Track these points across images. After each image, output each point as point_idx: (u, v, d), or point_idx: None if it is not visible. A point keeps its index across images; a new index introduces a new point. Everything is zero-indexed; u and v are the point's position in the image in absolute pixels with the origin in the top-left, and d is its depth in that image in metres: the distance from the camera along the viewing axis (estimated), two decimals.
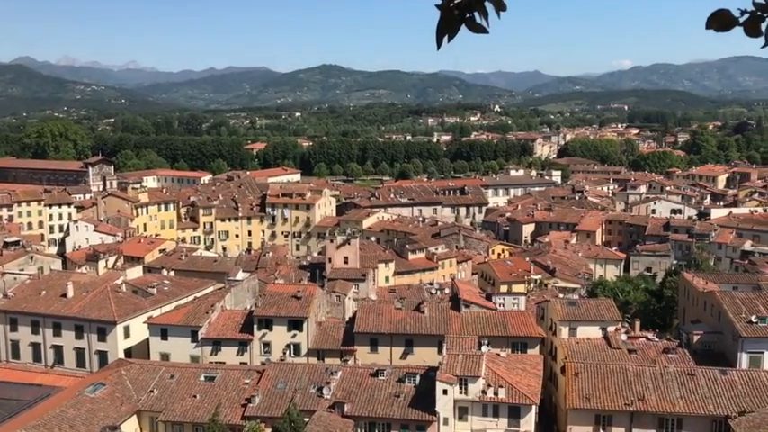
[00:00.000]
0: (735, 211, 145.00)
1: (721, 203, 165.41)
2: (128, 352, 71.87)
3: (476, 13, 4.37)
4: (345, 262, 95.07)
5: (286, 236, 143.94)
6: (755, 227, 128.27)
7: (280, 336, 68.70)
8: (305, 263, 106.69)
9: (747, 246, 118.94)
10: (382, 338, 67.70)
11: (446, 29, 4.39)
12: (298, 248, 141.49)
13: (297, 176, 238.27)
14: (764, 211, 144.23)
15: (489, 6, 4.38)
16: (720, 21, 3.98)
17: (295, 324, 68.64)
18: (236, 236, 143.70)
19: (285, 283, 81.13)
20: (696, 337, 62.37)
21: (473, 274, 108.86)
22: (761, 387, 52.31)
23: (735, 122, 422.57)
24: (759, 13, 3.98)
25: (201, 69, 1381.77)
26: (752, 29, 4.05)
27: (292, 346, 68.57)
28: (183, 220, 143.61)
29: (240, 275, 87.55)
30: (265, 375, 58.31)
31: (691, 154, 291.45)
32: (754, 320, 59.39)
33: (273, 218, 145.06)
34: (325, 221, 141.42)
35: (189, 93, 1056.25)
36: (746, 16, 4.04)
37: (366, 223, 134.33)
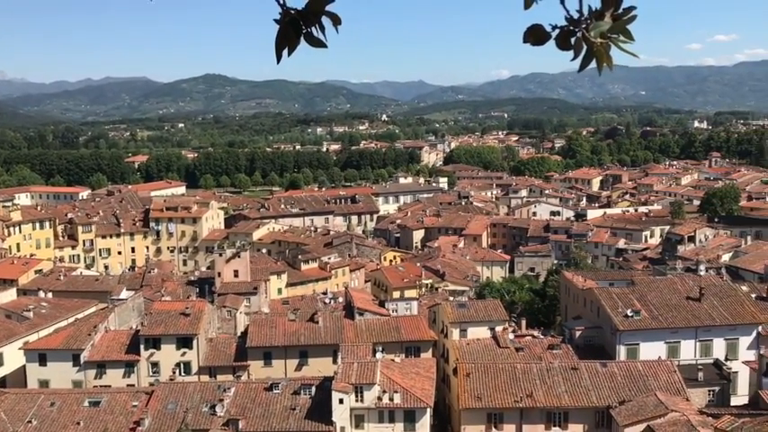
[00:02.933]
0: (609, 211, 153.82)
1: (596, 204, 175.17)
2: (1, 381, 67.20)
3: (313, 28, 4.44)
4: (236, 275, 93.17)
5: (172, 251, 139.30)
6: (628, 226, 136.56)
7: (168, 355, 66.35)
8: (193, 278, 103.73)
9: (621, 244, 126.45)
10: (276, 351, 66.79)
11: (284, 42, 4.44)
12: (185, 264, 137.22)
13: (182, 189, 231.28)
14: (635, 210, 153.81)
15: (326, 21, 4.44)
16: (535, 35, 4.23)
17: (184, 342, 66.53)
18: (119, 253, 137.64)
19: (172, 301, 78.55)
20: (578, 333, 65.50)
21: (366, 281, 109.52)
22: (637, 377, 55.62)
23: (606, 128, 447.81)
24: (571, 28, 4.21)
25: (77, 80, 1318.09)
26: (562, 43, 4.31)
27: (182, 365, 66.37)
28: (61, 239, 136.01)
29: (124, 294, 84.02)
30: (154, 396, 56.13)
31: (567, 158, 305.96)
32: (630, 314, 63.07)
33: (158, 233, 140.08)
34: (213, 235, 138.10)
35: (64, 105, 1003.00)
36: (557, 31, 4.30)
37: (256, 235, 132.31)
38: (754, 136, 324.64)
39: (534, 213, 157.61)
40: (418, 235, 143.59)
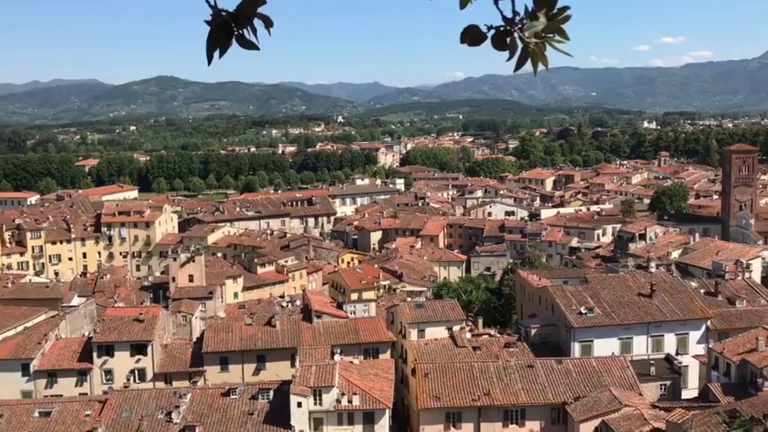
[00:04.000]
0: (562, 210, 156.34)
1: (549, 204, 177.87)
2: None
3: (245, 30, 4.40)
4: (190, 280, 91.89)
5: (125, 256, 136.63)
6: (580, 225, 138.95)
7: (122, 362, 65.09)
8: (147, 284, 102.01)
9: (574, 242, 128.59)
10: (233, 356, 66.09)
11: (215, 44, 4.40)
12: (138, 269, 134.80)
13: (134, 193, 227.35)
14: (588, 209, 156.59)
15: (259, 23, 4.42)
16: (472, 35, 4.28)
17: (139, 348, 65.36)
18: (70, 259, 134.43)
19: (126, 307, 77.09)
20: (533, 331, 66.38)
21: (324, 284, 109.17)
22: (592, 373, 56.62)
23: (558, 129, 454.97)
24: (508, 28, 4.28)
25: (23, 82, 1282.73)
26: (498, 43, 4.37)
27: (137, 372, 65.19)
28: (9, 245, 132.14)
29: (76, 301, 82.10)
30: (108, 405, 54.98)
31: (520, 159, 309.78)
32: (584, 311, 64.15)
33: (110, 238, 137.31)
34: (166, 239, 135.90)
35: (10, 108, 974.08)
36: (493, 32, 4.35)
37: (211, 239, 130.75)
38: (701, 136, 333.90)
39: (489, 213, 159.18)
40: (375, 236, 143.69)
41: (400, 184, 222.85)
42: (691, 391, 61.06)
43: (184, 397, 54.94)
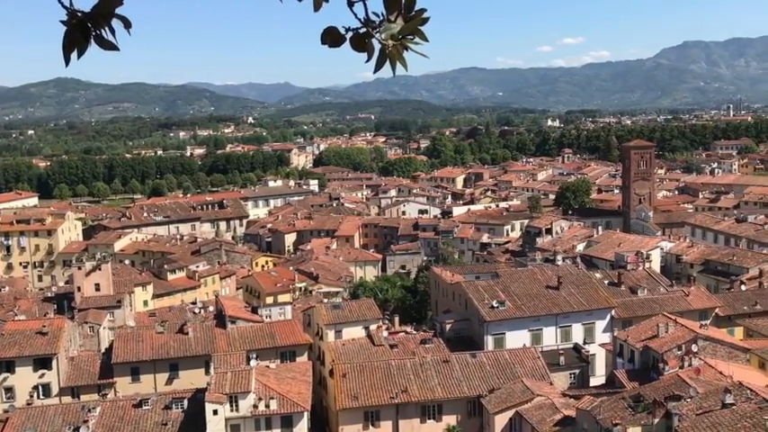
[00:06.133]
0: (472, 208, 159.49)
1: (461, 202, 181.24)
2: None
3: (103, 30, 4.29)
4: (97, 289, 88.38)
5: (25, 267, 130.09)
6: (490, 221, 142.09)
7: (24, 378, 62.00)
8: (50, 294, 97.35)
9: (485, 238, 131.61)
10: (144, 366, 64.12)
11: (72, 44, 4.26)
12: (40, 279, 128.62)
13: (34, 200, 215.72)
14: (497, 206, 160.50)
15: (117, 23, 4.31)
16: (331, 37, 4.30)
17: (42, 363, 62.40)
18: None
19: (27, 319, 73.32)
20: (448, 326, 67.50)
21: (238, 288, 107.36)
22: (505, 365, 58.10)
23: (467, 128, 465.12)
24: (366, 30, 4.32)
25: None
26: (357, 44, 4.39)
27: (41, 388, 62.25)
28: None
29: None
30: (10, 424, 52.17)
31: (432, 158, 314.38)
32: (495, 305, 65.78)
33: (8, 248, 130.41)
34: (70, 247, 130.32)
35: None
36: (350, 33, 4.38)
37: (118, 246, 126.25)
38: (602, 133, 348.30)
39: (404, 212, 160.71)
40: (290, 238, 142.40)
41: (314, 185, 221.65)
42: (598, 378, 63.58)
43: (93, 411, 52.85)
